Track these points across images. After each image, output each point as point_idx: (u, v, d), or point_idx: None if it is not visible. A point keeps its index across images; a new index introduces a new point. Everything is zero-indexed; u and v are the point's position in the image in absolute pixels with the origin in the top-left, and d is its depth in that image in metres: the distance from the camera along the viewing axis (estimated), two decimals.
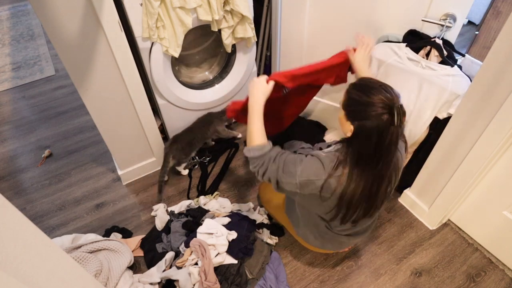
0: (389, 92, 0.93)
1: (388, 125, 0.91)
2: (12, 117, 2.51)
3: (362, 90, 0.96)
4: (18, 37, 3.53)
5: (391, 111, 0.90)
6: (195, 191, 1.88)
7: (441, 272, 1.50)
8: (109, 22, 1.34)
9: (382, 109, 0.90)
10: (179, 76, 1.88)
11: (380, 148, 0.95)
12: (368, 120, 0.92)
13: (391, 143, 0.94)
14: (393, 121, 0.90)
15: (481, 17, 2.33)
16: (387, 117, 0.90)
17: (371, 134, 0.93)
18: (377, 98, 0.91)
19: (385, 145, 0.94)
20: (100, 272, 1.36)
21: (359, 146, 0.98)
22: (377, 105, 0.91)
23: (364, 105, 0.93)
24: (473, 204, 1.52)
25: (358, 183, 1.01)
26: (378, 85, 0.95)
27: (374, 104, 0.91)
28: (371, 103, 0.92)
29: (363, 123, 0.94)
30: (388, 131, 0.91)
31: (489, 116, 1.21)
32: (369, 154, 0.97)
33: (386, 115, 0.90)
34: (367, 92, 0.94)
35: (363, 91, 0.95)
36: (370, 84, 0.97)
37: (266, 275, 1.45)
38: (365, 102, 0.93)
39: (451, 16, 1.31)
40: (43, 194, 1.92)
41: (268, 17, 2.02)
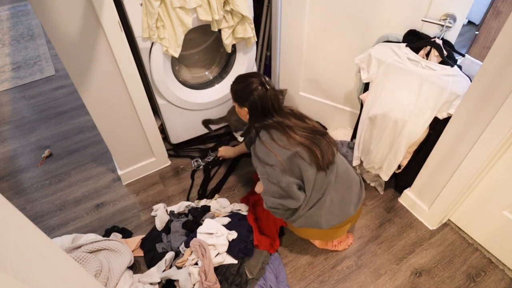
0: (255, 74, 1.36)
1: (264, 91, 1.29)
2: (12, 117, 2.51)
3: (238, 81, 1.38)
4: (18, 37, 3.53)
5: (261, 82, 1.31)
6: (195, 193, 1.88)
7: (441, 272, 1.50)
8: (109, 22, 1.34)
9: (255, 84, 1.30)
10: (179, 76, 1.88)
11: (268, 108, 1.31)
12: (252, 95, 1.30)
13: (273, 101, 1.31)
14: (266, 87, 1.30)
15: (481, 17, 2.33)
16: (261, 87, 1.30)
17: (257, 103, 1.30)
18: (250, 80, 1.33)
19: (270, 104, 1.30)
20: (100, 272, 1.36)
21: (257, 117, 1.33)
22: (251, 83, 1.31)
23: (244, 88, 1.33)
24: (473, 204, 1.52)
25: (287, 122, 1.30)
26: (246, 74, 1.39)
27: (249, 84, 1.32)
28: (248, 84, 1.32)
29: (250, 99, 1.31)
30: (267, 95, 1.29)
31: (489, 116, 1.21)
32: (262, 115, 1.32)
33: (259, 85, 1.30)
34: (241, 80, 1.37)
35: (240, 81, 1.37)
36: (242, 75, 1.40)
37: (266, 275, 1.45)
38: (244, 86, 1.33)
39: (451, 16, 1.31)
40: (43, 194, 1.92)
41: (268, 17, 2.02)
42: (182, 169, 2.02)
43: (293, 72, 2.02)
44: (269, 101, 1.30)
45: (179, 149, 2.12)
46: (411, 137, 1.50)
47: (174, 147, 2.13)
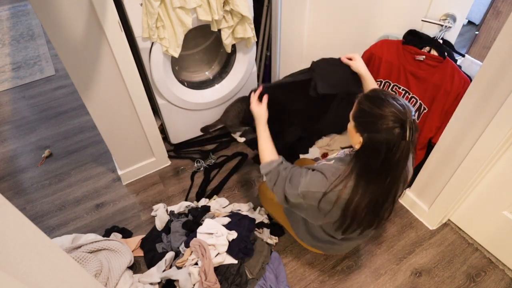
0: (402, 105, 0.90)
1: (399, 139, 0.88)
2: (12, 117, 2.51)
3: (374, 101, 0.93)
4: (18, 37, 3.53)
5: (403, 125, 0.87)
6: (194, 193, 1.88)
7: (441, 272, 1.50)
8: (109, 22, 1.34)
9: (393, 122, 0.87)
10: (179, 76, 1.88)
11: (389, 163, 0.92)
12: (378, 133, 0.89)
13: (400, 158, 0.91)
14: (404, 135, 0.87)
15: (481, 17, 2.33)
16: (399, 131, 0.87)
17: (380, 147, 0.90)
18: (389, 111, 0.88)
19: (395, 160, 0.91)
20: (100, 272, 1.36)
21: (367, 159, 0.96)
22: (389, 118, 0.88)
23: (375, 117, 0.90)
24: (473, 204, 1.52)
25: (363, 195, 0.99)
26: (391, 98, 0.92)
27: (386, 117, 0.88)
28: (383, 116, 0.89)
29: (373, 135, 0.91)
30: (399, 146, 0.88)
31: (489, 116, 1.21)
32: (376, 168, 0.94)
33: (397, 129, 0.87)
34: (380, 104, 0.91)
35: (375, 103, 0.92)
36: (382, 96, 0.93)
37: (266, 275, 1.45)
38: (377, 114, 0.90)
39: (451, 16, 1.31)
40: (43, 194, 1.92)
41: (268, 17, 2.02)
42: (183, 169, 2.02)
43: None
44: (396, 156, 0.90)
45: (180, 150, 2.12)
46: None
47: (174, 147, 2.13)
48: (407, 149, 0.90)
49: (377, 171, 0.95)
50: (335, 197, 1.02)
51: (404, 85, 1.44)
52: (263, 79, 2.38)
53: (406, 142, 0.88)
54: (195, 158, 2.06)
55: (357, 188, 0.99)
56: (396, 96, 0.93)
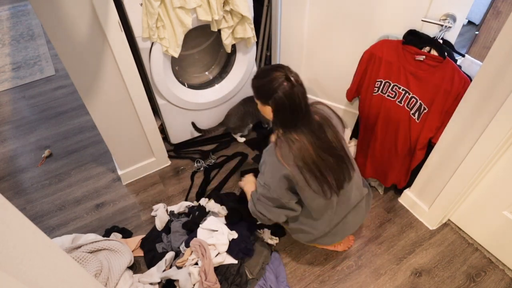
0: (280, 66, 1.13)
1: (291, 87, 1.09)
2: (12, 117, 2.51)
3: (261, 75, 1.16)
4: (18, 37, 3.53)
5: (286, 76, 1.09)
6: (194, 193, 1.88)
7: (441, 272, 1.50)
8: (109, 22, 1.34)
9: (280, 79, 1.09)
10: (179, 76, 1.88)
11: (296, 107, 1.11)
12: (276, 93, 1.10)
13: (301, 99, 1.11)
14: (292, 82, 1.09)
15: (481, 17, 2.33)
16: (286, 83, 1.09)
17: (283, 101, 1.10)
18: (273, 74, 1.11)
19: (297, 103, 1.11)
20: (100, 272, 1.36)
21: (281, 116, 1.14)
22: (276, 79, 1.10)
23: (267, 84, 1.12)
24: (473, 204, 1.52)
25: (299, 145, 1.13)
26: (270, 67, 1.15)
27: (274, 79, 1.10)
28: (271, 80, 1.11)
29: (274, 97, 1.10)
30: (293, 92, 1.09)
31: (489, 116, 1.21)
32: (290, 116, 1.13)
33: (285, 82, 1.09)
34: (265, 75, 1.14)
35: (262, 76, 1.15)
36: (265, 68, 1.17)
37: (266, 275, 1.45)
38: (267, 81, 1.12)
39: (451, 16, 1.31)
40: (43, 194, 1.92)
41: (268, 17, 2.02)
42: (183, 169, 2.02)
43: None
44: (296, 100, 1.10)
45: (180, 150, 2.12)
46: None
47: (174, 147, 2.13)
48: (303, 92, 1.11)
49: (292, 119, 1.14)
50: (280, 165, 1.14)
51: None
52: None
53: (297, 86, 1.10)
54: (195, 158, 2.06)
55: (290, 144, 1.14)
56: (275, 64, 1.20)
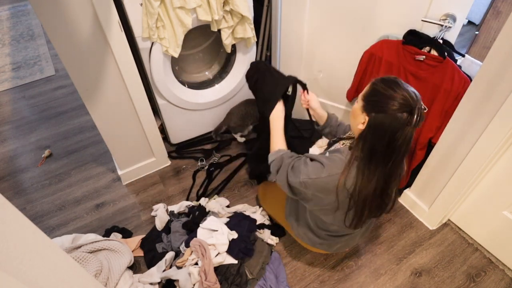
0: (414, 92, 0.92)
1: (404, 123, 0.89)
2: (12, 117, 2.51)
3: (389, 84, 0.94)
4: (18, 37, 3.53)
5: (411, 110, 0.88)
6: (195, 193, 1.88)
7: (441, 272, 1.50)
8: (109, 22, 1.34)
9: (403, 106, 0.89)
10: (179, 76, 1.88)
11: (392, 146, 0.93)
12: (385, 114, 0.91)
13: (403, 144, 0.92)
14: (411, 121, 0.89)
15: (481, 17, 2.33)
16: (406, 116, 0.89)
17: (385, 128, 0.91)
18: (401, 94, 0.90)
19: (398, 144, 0.92)
20: (100, 272, 1.36)
21: (371, 139, 0.95)
22: (399, 101, 0.89)
23: (386, 97, 0.91)
24: (473, 204, 1.52)
25: (368, 179, 0.99)
26: (405, 85, 0.94)
27: (396, 99, 0.90)
28: (394, 97, 0.90)
29: (380, 115, 0.92)
30: (403, 130, 0.90)
31: (489, 116, 1.21)
32: (381, 150, 0.95)
33: (405, 113, 0.89)
34: (393, 87, 0.92)
35: (389, 85, 0.93)
36: (397, 80, 0.95)
37: (266, 275, 1.45)
38: (388, 95, 0.91)
39: (451, 16, 1.31)
40: (43, 194, 1.92)
41: (268, 17, 2.02)
42: (184, 168, 2.02)
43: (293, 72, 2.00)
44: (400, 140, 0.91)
45: (182, 150, 2.12)
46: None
47: (176, 148, 2.13)
48: (411, 135, 0.92)
49: (381, 154, 0.96)
50: (335, 183, 1.02)
51: None
52: None
53: (411, 127, 0.90)
54: (198, 157, 2.06)
55: (362, 173, 0.99)
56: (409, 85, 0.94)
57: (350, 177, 1.01)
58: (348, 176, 1.01)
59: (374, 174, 0.99)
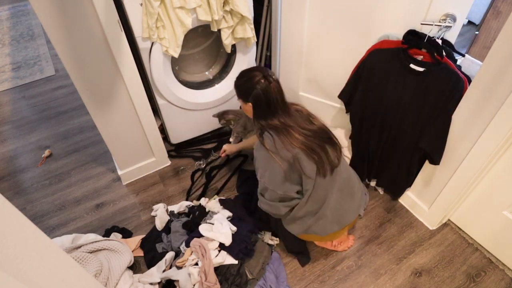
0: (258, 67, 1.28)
1: (267, 84, 1.21)
2: (12, 117, 2.51)
3: (241, 76, 1.29)
4: (18, 37, 3.53)
5: (264, 75, 1.22)
6: (195, 194, 1.88)
7: (441, 272, 1.50)
8: (109, 22, 1.34)
9: (258, 77, 1.22)
10: (179, 76, 1.88)
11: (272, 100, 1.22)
12: (255, 89, 1.22)
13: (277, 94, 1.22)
14: (268, 80, 1.21)
15: (481, 17, 2.33)
16: (264, 80, 1.21)
17: (261, 97, 1.22)
18: (252, 74, 1.24)
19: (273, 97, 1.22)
20: (100, 272, 1.36)
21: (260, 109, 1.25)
22: (254, 77, 1.22)
23: (247, 83, 1.25)
24: (473, 204, 1.52)
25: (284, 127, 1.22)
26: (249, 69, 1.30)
27: (252, 77, 1.23)
28: (250, 78, 1.24)
29: (253, 93, 1.22)
30: (270, 88, 1.21)
31: (489, 116, 1.21)
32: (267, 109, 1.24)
33: (262, 79, 1.21)
34: (245, 75, 1.28)
35: (242, 76, 1.29)
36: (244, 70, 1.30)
37: (266, 275, 1.45)
38: (246, 80, 1.25)
39: (451, 16, 1.31)
40: (43, 194, 1.92)
41: (268, 17, 2.02)
42: (183, 169, 2.02)
43: (293, 72, 2.02)
44: (273, 94, 1.22)
45: (181, 150, 2.12)
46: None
47: (175, 147, 2.13)
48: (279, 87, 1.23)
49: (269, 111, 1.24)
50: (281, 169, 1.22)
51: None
52: None
53: (273, 82, 1.22)
54: (197, 156, 2.06)
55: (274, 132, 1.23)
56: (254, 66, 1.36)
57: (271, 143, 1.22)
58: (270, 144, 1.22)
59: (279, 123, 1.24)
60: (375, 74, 1.48)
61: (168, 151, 2.06)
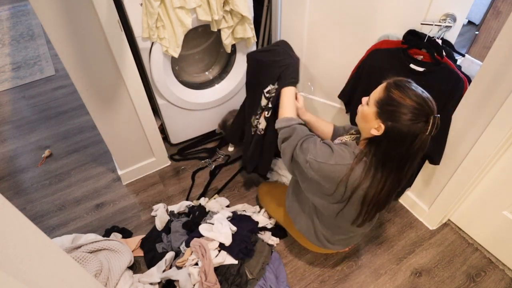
0: (429, 100, 0.92)
1: (420, 132, 0.91)
2: (12, 117, 2.51)
3: (404, 90, 0.93)
4: (18, 37, 3.53)
5: (427, 119, 0.90)
6: (195, 193, 1.88)
7: (441, 272, 1.50)
8: (108, 22, 1.34)
9: (418, 115, 0.90)
10: (179, 76, 1.88)
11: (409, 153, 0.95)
12: (403, 124, 0.91)
13: (419, 149, 0.94)
14: (426, 129, 0.90)
15: (481, 17, 2.33)
16: (422, 125, 0.90)
17: (403, 137, 0.92)
18: (417, 103, 0.90)
19: (414, 151, 0.94)
20: (100, 272, 1.36)
21: (389, 147, 0.96)
22: (414, 111, 0.90)
23: (403, 107, 0.91)
24: (473, 204, 1.52)
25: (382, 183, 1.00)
26: (419, 90, 0.94)
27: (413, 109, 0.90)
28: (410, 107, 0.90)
29: (397, 125, 0.92)
30: (421, 138, 0.91)
31: (489, 116, 1.21)
32: (398, 157, 0.97)
33: (422, 122, 0.90)
34: (409, 94, 0.92)
35: (405, 92, 0.92)
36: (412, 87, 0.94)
37: (266, 275, 1.45)
38: (405, 104, 0.91)
39: (451, 16, 1.31)
40: (43, 194, 1.92)
41: (268, 17, 2.02)
42: (183, 169, 2.02)
43: None
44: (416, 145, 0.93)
45: (184, 152, 2.11)
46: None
47: (178, 150, 2.12)
48: (426, 142, 0.93)
49: (397, 160, 0.97)
50: (340, 174, 1.02)
51: None
52: None
53: (426, 135, 0.91)
54: (202, 157, 2.06)
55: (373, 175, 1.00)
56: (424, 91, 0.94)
57: (355, 174, 1.01)
58: (354, 173, 1.01)
59: (388, 178, 1.00)
60: (375, 74, 1.48)
61: (171, 155, 2.07)
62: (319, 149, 1.06)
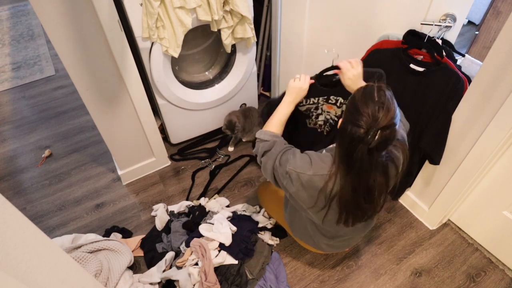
0: (383, 113, 0.86)
1: (359, 139, 0.88)
2: (12, 117, 2.51)
3: (364, 96, 0.91)
4: (18, 37, 3.53)
5: (368, 130, 0.86)
6: (195, 193, 1.88)
7: (441, 272, 1.50)
8: (109, 22, 1.34)
9: (363, 122, 0.87)
10: (179, 76, 1.88)
11: (351, 156, 0.92)
12: (349, 124, 0.90)
13: (358, 159, 0.91)
14: (363, 139, 0.87)
15: (481, 17, 2.33)
16: (362, 132, 0.87)
17: (345, 137, 0.92)
18: (367, 111, 0.87)
19: (354, 156, 0.91)
20: (100, 272, 1.36)
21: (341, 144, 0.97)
22: (362, 117, 0.87)
23: (355, 109, 0.90)
24: (473, 204, 1.52)
25: (345, 184, 1.00)
26: (380, 102, 0.88)
27: (361, 115, 0.88)
28: (360, 112, 0.88)
29: (345, 124, 0.92)
30: (357, 146, 0.89)
31: (489, 116, 1.21)
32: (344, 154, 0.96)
33: (362, 130, 0.87)
34: (365, 100, 0.90)
35: (364, 98, 0.91)
36: (375, 95, 0.90)
37: (266, 275, 1.45)
38: (357, 108, 0.89)
39: (451, 16, 1.31)
40: (43, 194, 1.92)
41: (268, 17, 2.02)
42: (183, 169, 2.02)
43: (293, 72, 2.02)
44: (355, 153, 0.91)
45: (185, 152, 2.11)
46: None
47: (178, 150, 2.12)
48: (367, 154, 0.90)
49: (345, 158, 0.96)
50: (321, 183, 1.02)
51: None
52: (263, 79, 2.38)
53: (363, 145, 0.88)
54: (202, 157, 2.06)
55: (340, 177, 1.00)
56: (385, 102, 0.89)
57: (332, 181, 1.02)
58: (331, 180, 1.01)
59: (346, 179, 0.99)
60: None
61: (171, 155, 2.07)
62: (298, 160, 1.06)
